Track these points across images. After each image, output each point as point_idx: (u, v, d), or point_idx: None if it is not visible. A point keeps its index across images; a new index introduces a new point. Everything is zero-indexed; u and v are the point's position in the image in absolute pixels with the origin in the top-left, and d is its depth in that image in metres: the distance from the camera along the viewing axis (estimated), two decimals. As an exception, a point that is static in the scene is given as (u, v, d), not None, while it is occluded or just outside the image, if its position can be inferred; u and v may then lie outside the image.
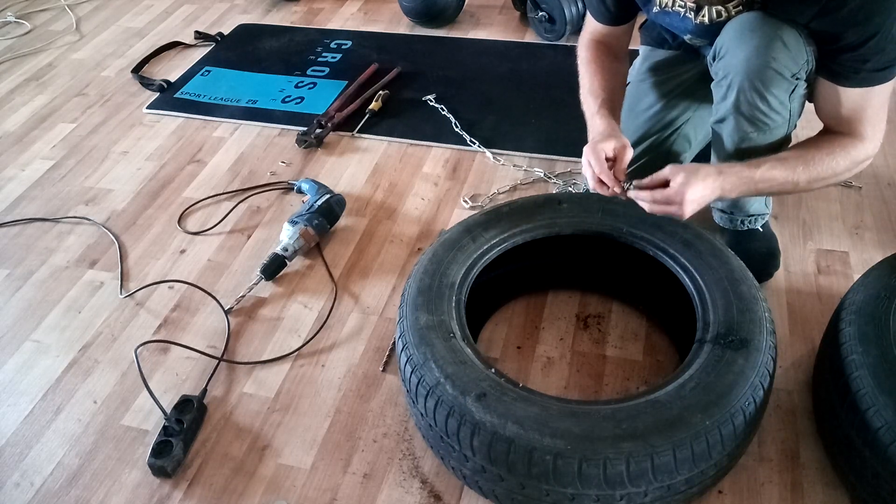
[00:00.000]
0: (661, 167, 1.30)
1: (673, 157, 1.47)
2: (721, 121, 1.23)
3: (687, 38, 1.32)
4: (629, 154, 1.19)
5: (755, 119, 1.18)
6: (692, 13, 1.21)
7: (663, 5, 1.25)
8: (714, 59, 1.21)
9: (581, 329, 1.37)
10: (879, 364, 0.99)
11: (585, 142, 1.39)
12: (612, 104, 1.30)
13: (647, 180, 1.14)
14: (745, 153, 1.22)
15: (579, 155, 1.38)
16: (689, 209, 1.10)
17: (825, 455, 1.13)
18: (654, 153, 1.46)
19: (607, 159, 1.18)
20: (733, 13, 1.17)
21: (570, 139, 1.82)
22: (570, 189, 1.67)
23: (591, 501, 0.94)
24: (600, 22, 1.37)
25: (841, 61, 1.10)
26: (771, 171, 1.14)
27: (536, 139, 1.86)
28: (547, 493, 0.95)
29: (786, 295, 1.40)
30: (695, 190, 1.09)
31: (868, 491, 1.01)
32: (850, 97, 1.12)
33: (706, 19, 1.20)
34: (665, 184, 1.12)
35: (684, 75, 1.44)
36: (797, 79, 1.13)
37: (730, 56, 1.15)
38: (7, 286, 1.55)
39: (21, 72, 2.35)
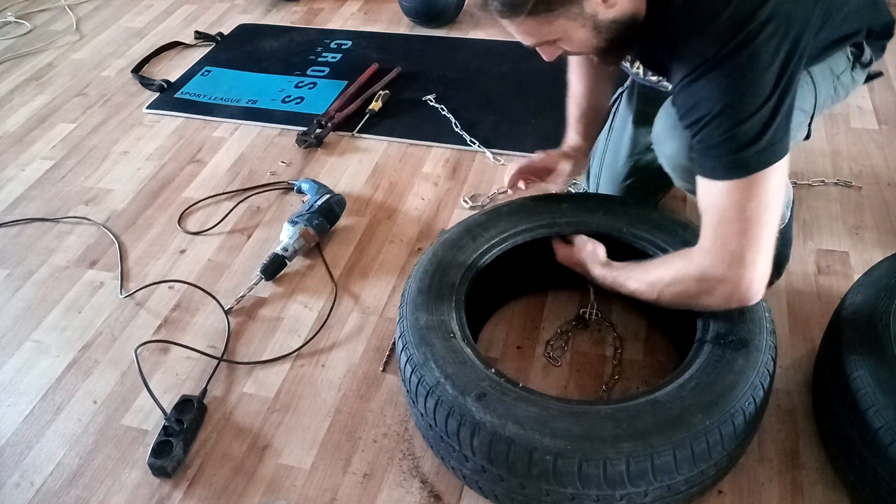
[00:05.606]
0: (647, 186, 1.31)
1: (657, 176, 1.45)
2: None
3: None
4: (558, 177, 1.35)
5: (691, 191, 1.14)
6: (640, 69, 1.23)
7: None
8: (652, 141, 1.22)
9: (581, 329, 1.37)
10: (879, 364, 0.99)
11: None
12: (588, 118, 1.38)
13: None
14: None
15: (579, 155, 1.39)
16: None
17: (825, 455, 1.13)
18: (639, 174, 1.46)
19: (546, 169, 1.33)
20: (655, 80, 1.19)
21: (570, 139, 1.82)
22: (570, 189, 1.67)
23: (592, 501, 0.94)
24: None
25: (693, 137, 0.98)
26: (628, 283, 1.12)
27: (536, 139, 1.85)
28: (547, 493, 0.95)
29: (786, 295, 1.40)
30: (593, 272, 1.20)
31: (868, 491, 1.01)
32: (699, 186, 0.98)
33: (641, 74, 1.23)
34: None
35: (653, 106, 1.43)
36: None
37: (658, 150, 1.16)
38: (7, 286, 1.55)
39: (21, 72, 2.35)
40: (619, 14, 0.95)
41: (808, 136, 1.21)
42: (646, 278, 1.10)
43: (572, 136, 1.38)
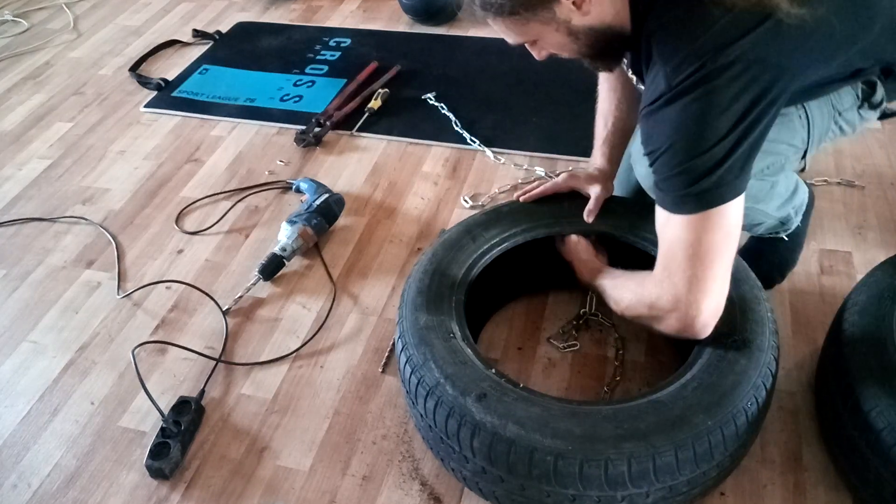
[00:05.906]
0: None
1: None
2: None
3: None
4: (594, 200, 1.28)
5: None
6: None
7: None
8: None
9: (582, 330, 1.36)
10: (882, 365, 0.98)
11: (586, 141, 1.39)
12: (614, 139, 1.34)
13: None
14: None
15: (580, 154, 1.38)
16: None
17: (828, 457, 1.12)
18: None
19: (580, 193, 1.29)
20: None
21: (572, 138, 1.81)
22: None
23: (593, 502, 0.93)
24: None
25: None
26: (603, 296, 1.17)
27: (537, 138, 1.85)
28: (548, 494, 0.94)
29: (788, 295, 1.39)
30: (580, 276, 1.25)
31: (870, 493, 1.00)
32: (656, 213, 0.99)
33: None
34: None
35: None
36: None
37: (634, 168, 1.18)
38: (4, 286, 1.54)
39: (18, 70, 2.34)
40: (597, 22, 0.95)
41: (803, 169, 1.21)
42: (613, 295, 1.14)
43: (598, 159, 1.35)
